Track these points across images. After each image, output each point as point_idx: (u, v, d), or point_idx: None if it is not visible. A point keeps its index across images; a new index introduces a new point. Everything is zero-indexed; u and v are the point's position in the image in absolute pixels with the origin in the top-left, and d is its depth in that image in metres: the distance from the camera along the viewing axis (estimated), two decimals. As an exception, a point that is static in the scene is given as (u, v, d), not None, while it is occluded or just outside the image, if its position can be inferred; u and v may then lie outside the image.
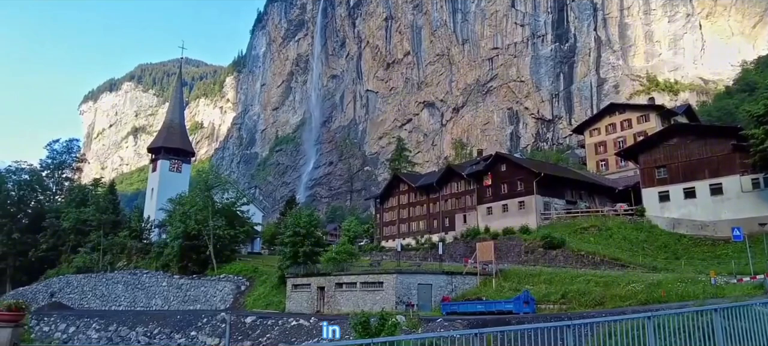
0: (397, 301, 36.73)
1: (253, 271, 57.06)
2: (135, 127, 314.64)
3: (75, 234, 74.37)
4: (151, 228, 75.67)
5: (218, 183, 70.52)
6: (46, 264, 77.57)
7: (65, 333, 47.91)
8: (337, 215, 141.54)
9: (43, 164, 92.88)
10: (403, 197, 76.18)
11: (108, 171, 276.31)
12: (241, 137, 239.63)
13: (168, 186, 78.92)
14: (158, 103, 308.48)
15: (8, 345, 12.34)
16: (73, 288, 66.96)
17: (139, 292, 61.28)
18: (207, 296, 55.16)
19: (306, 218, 52.88)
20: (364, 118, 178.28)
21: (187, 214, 60.66)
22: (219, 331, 38.63)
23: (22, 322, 13.82)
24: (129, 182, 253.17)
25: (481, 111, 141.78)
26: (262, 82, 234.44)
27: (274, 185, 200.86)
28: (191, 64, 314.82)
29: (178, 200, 67.91)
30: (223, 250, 61.46)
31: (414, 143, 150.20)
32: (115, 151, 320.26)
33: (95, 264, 69.42)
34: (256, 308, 47.55)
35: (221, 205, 64.07)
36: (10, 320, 12.57)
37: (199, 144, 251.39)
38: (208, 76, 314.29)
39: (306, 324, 34.21)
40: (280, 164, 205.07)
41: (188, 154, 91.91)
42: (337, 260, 46.23)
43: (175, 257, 60.39)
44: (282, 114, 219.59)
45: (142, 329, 44.22)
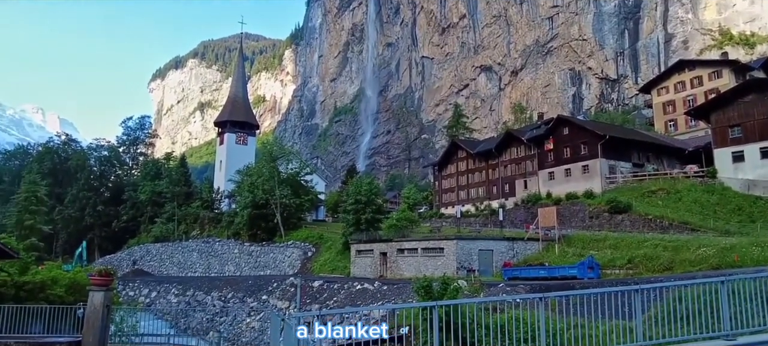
0: (458, 266, 37.13)
1: (319, 237, 58.82)
2: (201, 103, 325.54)
3: (151, 206, 78.64)
4: (222, 198, 78.98)
5: (282, 154, 72.52)
6: (128, 234, 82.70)
7: (148, 298, 51.33)
8: (395, 183, 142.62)
9: (119, 141, 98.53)
10: (461, 163, 75.85)
11: (178, 145, 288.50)
12: (301, 109, 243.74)
13: (235, 158, 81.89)
14: (222, 79, 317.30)
15: (102, 306, 13.41)
16: (153, 256, 71.20)
17: (213, 259, 64.47)
18: (276, 262, 57.43)
19: (366, 186, 53.90)
20: (420, 86, 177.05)
21: (255, 184, 62.97)
22: (289, 294, 40.36)
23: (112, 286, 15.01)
24: (198, 155, 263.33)
25: (541, 73, 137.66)
26: (319, 53, 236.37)
27: (334, 154, 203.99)
28: (251, 39, 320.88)
29: (246, 171, 70.48)
30: (290, 218, 63.54)
31: (471, 109, 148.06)
32: (184, 126, 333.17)
33: (171, 233, 73.36)
34: (322, 273, 49.19)
35: (286, 175, 66.12)
36: (102, 285, 13.67)
37: (262, 117, 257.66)
38: (268, 50, 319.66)
39: (370, 288, 35.24)
40: (339, 135, 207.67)
41: (253, 127, 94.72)
42: (397, 227, 47.00)
43: (245, 226, 63.04)
44: (340, 85, 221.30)
45: (216, 294, 46.77)
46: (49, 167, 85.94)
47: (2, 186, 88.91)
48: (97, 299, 13.09)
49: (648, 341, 9.72)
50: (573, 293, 10.89)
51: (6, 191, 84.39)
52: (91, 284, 13.62)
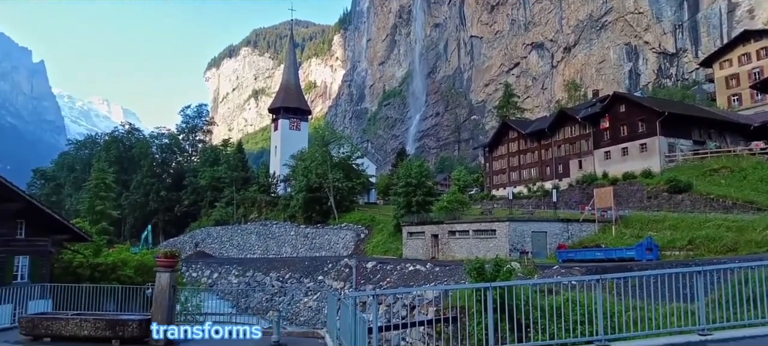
0: (510, 248, 36.76)
1: (371, 220, 59.45)
2: (255, 90, 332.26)
3: (211, 190, 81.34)
4: (277, 182, 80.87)
5: (334, 138, 73.44)
6: (190, 218, 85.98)
7: (210, 278, 53.36)
8: (445, 165, 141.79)
9: (179, 129, 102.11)
10: (512, 144, 74.58)
11: (234, 132, 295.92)
12: (351, 94, 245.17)
13: (289, 143, 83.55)
14: (274, 66, 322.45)
15: (168, 287, 13.99)
16: (213, 239, 73.83)
17: (270, 241, 66.32)
18: (330, 244, 58.54)
19: (416, 168, 53.95)
20: (469, 66, 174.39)
21: (308, 168, 64.17)
22: (343, 275, 41.11)
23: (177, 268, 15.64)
24: (254, 141, 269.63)
25: (595, 49, 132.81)
26: (368, 37, 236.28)
27: (384, 138, 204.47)
28: (301, 26, 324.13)
29: (299, 155, 71.86)
30: (343, 200, 64.50)
31: (522, 88, 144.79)
32: (240, 113, 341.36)
33: (230, 217, 75.77)
34: (375, 254, 49.77)
35: (338, 159, 67.04)
36: (168, 266, 14.23)
37: (313, 103, 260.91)
38: (317, 36, 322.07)
39: (422, 269, 35.42)
40: (388, 118, 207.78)
41: (305, 113, 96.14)
42: (448, 209, 46.89)
43: (300, 209, 64.48)
44: (388, 68, 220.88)
45: (275, 275, 48.15)
46: (116, 155, 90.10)
47: (75, 174, 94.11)
48: (163, 279, 13.70)
49: (711, 324, 9.43)
50: (631, 275, 10.66)
51: (78, 179, 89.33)
52: (157, 266, 14.27)
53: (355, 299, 12.00)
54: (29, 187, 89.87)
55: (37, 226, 25.31)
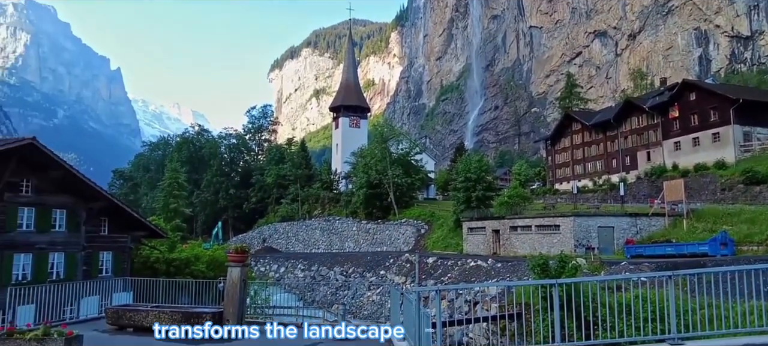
0: (575, 244, 35.76)
1: (431, 215, 59.34)
2: (316, 90, 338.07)
3: (277, 188, 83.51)
4: (339, 179, 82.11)
5: (392, 135, 73.69)
6: (257, 214, 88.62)
7: (277, 272, 54.87)
8: (505, 160, 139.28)
9: (245, 129, 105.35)
10: (576, 136, 72.35)
11: (298, 131, 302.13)
12: (408, 90, 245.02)
13: (349, 141, 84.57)
14: (333, 65, 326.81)
15: (239, 281, 14.53)
16: (280, 234, 75.81)
17: (334, 236, 67.49)
18: (391, 239, 58.89)
19: (476, 163, 53.34)
20: (529, 57, 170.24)
21: (368, 165, 64.78)
22: (405, 270, 41.30)
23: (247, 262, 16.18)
24: (316, 139, 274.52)
25: (662, 35, 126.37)
26: (424, 33, 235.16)
27: (442, 133, 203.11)
28: (359, 24, 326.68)
29: (359, 152, 72.68)
30: (402, 196, 64.72)
31: (585, 78, 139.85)
32: (302, 112, 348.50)
33: (295, 213, 77.59)
34: (435, 250, 49.66)
35: (397, 155, 67.31)
36: (238, 261, 14.78)
37: (372, 100, 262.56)
38: (375, 34, 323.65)
39: (484, 265, 35.04)
40: (446, 113, 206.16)
41: (364, 111, 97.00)
42: (509, 204, 46.11)
43: (362, 205, 65.25)
44: (445, 63, 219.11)
45: (338, 269, 48.96)
46: (187, 156, 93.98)
47: (149, 174, 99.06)
48: (234, 273, 14.27)
49: (795, 324, 8.86)
50: (706, 271, 10.16)
51: (153, 178, 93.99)
52: (228, 261, 14.88)
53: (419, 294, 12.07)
54: (110, 187, 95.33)
55: (118, 223, 26.90)
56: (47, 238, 23.33)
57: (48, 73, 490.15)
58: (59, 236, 23.95)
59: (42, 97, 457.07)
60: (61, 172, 23.75)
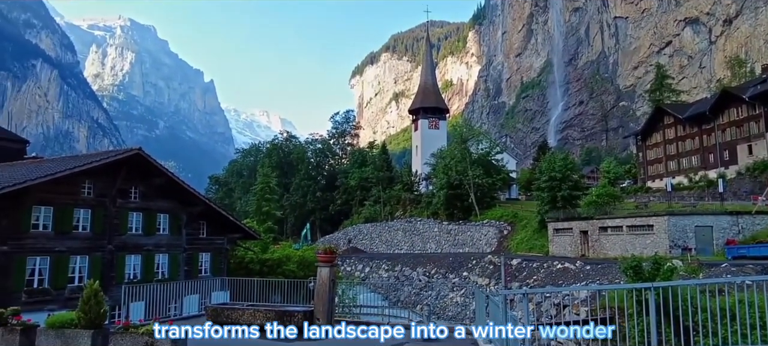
0: (670, 245, 33.62)
1: (513, 216, 57.94)
2: (395, 93, 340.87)
3: (360, 190, 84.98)
4: (419, 181, 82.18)
5: (472, 135, 72.79)
6: (342, 216, 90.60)
7: (362, 272, 55.71)
8: (592, 157, 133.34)
9: (329, 134, 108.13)
10: (668, 130, 68.00)
11: (378, 134, 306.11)
12: (487, 89, 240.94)
13: (429, 142, 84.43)
14: (412, 68, 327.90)
15: (328, 280, 14.88)
16: (364, 235, 77.03)
17: (416, 237, 67.60)
18: (473, 240, 58.12)
19: (560, 162, 51.48)
20: (614, 49, 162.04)
21: (448, 166, 64.30)
22: (488, 271, 40.63)
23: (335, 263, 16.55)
24: (396, 141, 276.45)
25: (762, 19, 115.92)
26: (503, 30, 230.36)
27: (523, 131, 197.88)
28: (436, 26, 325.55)
29: (439, 153, 72.33)
30: (483, 197, 63.65)
31: (676, 69, 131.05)
32: (382, 116, 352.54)
33: (378, 214, 78.58)
34: (519, 252, 48.45)
35: (477, 155, 66.38)
36: (327, 261, 15.13)
37: (450, 101, 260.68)
38: (452, 35, 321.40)
39: (572, 268, 33.76)
40: (527, 110, 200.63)
41: (443, 112, 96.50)
42: (598, 204, 44.05)
43: (442, 206, 64.85)
44: (525, 59, 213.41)
45: (421, 270, 48.99)
46: (276, 161, 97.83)
47: (242, 179, 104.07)
48: (324, 273, 14.65)
49: None
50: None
51: (246, 183, 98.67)
52: (318, 261, 15.31)
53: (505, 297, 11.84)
54: (206, 192, 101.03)
55: (215, 226, 28.49)
56: (153, 240, 25.16)
57: (150, 88, 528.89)
58: (163, 238, 25.75)
59: (145, 110, 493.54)
60: (164, 179, 25.55)
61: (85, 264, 21.90)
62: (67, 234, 21.46)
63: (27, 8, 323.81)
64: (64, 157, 32.39)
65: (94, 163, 22.37)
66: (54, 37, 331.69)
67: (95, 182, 22.67)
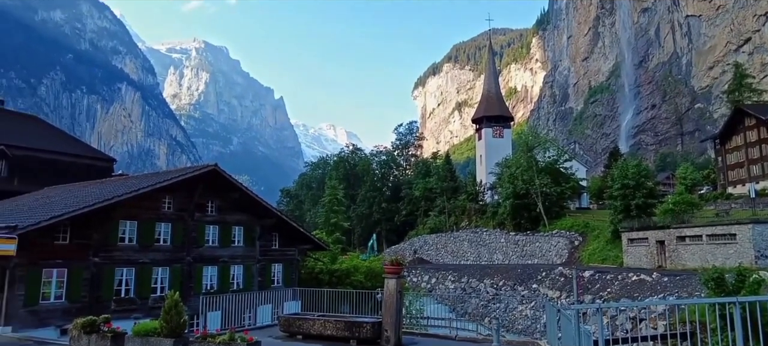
0: (756, 255, 31.24)
1: (584, 226, 55.74)
2: (458, 103, 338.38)
3: (425, 201, 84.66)
4: (484, 191, 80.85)
5: (538, 143, 70.78)
6: (408, 226, 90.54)
7: (429, 283, 55.32)
8: (667, 163, 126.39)
9: (393, 146, 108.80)
10: (750, 133, 63.47)
11: (442, 144, 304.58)
12: (553, 95, 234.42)
13: (493, 151, 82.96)
14: (474, 77, 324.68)
15: (395, 292, 14.81)
16: (429, 246, 76.52)
17: (482, 248, 66.38)
18: (542, 251, 56.36)
19: (633, 168, 49.14)
20: (688, 49, 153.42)
21: (514, 175, 62.82)
22: (558, 284, 39.26)
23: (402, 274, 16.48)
24: (460, 151, 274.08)
25: None
26: (568, 34, 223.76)
27: (593, 137, 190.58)
28: (498, 34, 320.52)
29: (504, 162, 70.85)
30: (552, 206, 61.65)
31: (757, 67, 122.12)
32: (445, 126, 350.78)
33: (443, 225, 77.89)
34: (591, 263, 46.51)
35: (544, 163, 64.39)
36: (394, 273, 15.07)
37: (514, 108, 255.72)
38: (515, 42, 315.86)
39: (648, 279, 32.07)
40: (597, 116, 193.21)
41: (507, 120, 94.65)
42: (674, 212, 41.60)
43: (509, 216, 63.33)
44: (592, 63, 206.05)
45: (488, 281, 48.01)
46: (343, 173, 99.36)
47: (312, 191, 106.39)
48: (391, 285, 14.62)
49: None
50: None
51: (315, 195, 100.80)
52: (385, 272, 15.32)
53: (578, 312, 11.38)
54: (278, 204, 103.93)
55: (286, 238, 29.20)
56: (228, 252, 26.10)
57: (224, 106, 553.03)
58: (238, 250, 26.66)
59: (220, 127, 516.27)
60: (238, 193, 26.51)
61: (166, 275, 23.01)
62: (149, 247, 22.65)
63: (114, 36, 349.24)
64: (146, 174, 34.38)
65: (174, 180, 23.56)
66: (137, 61, 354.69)
67: (175, 197, 23.83)
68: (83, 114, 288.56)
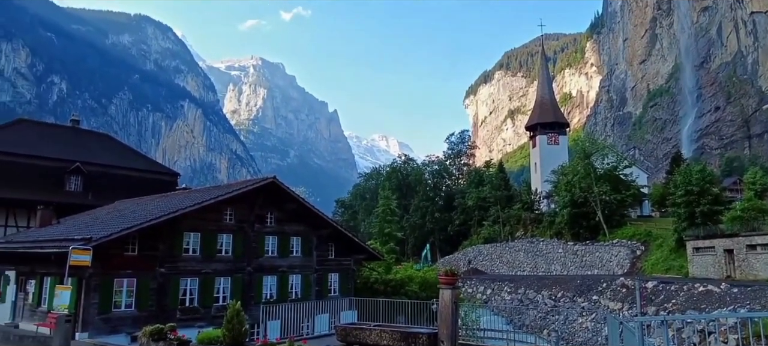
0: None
1: (646, 235, 53.31)
2: (510, 110, 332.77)
3: (478, 210, 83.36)
4: (540, 199, 78.83)
5: (595, 149, 68.38)
6: (461, 236, 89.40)
7: (484, 294, 54.32)
8: (734, 167, 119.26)
9: (445, 155, 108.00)
10: (829, 134, 59.03)
11: (494, 153, 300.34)
12: (610, 100, 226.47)
13: (548, 159, 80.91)
14: (527, 84, 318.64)
15: (451, 303, 14.51)
16: (484, 256, 75.20)
17: (539, 258, 64.53)
18: (602, 261, 54.23)
19: (697, 174, 46.64)
20: (753, 48, 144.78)
21: (571, 183, 60.89)
22: (620, 295, 37.65)
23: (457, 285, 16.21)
24: (513, 159, 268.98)
25: None
26: (624, 37, 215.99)
27: (653, 143, 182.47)
28: (550, 39, 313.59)
29: (560, 170, 68.84)
30: (612, 215, 59.29)
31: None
32: (498, 134, 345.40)
33: (498, 235, 76.35)
34: (655, 273, 44.35)
35: (602, 170, 62.06)
36: (449, 283, 14.82)
37: (570, 114, 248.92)
38: (569, 47, 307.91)
39: (716, 290, 30.26)
40: (656, 120, 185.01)
41: (562, 126, 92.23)
42: (744, 219, 39.24)
43: (566, 225, 61.38)
44: (650, 66, 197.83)
45: (546, 293, 46.60)
46: (396, 183, 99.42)
47: (365, 202, 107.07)
48: (446, 295, 14.37)
49: None
50: None
51: (368, 206, 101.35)
52: (440, 283, 15.12)
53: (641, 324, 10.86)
54: (333, 215, 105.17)
55: (342, 248, 29.48)
56: (287, 262, 26.58)
57: (281, 120, 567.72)
58: (296, 260, 27.12)
59: (277, 141, 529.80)
60: (296, 204, 27.02)
61: (227, 285, 23.65)
62: (212, 257, 23.37)
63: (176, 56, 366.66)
64: (208, 188, 35.63)
65: (235, 192, 24.28)
66: (198, 79, 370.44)
67: (236, 209, 24.53)
68: (149, 131, 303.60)
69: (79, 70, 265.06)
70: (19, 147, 34.11)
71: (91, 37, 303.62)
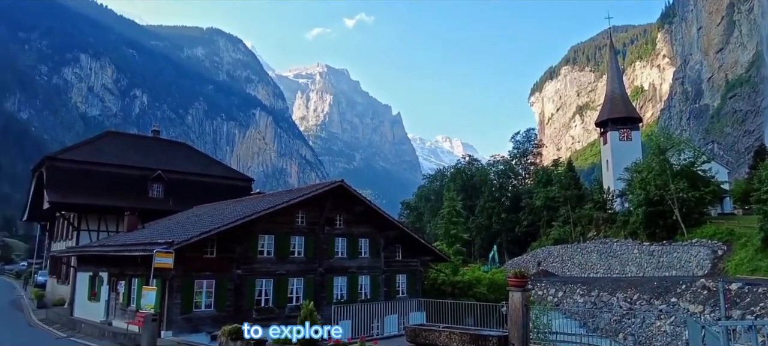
0: None
1: (729, 233, 49.69)
2: (579, 106, 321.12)
3: (547, 210, 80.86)
4: (613, 198, 75.40)
5: (671, 144, 64.42)
6: (529, 237, 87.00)
7: (555, 297, 52.57)
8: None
9: (511, 154, 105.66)
10: None
11: (562, 151, 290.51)
12: (685, 92, 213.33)
13: (621, 155, 77.17)
14: (595, 79, 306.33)
15: (521, 305, 14.20)
16: (554, 258, 72.71)
17: (612, 259, 61.63)
18: (681, 262, 51.07)
19: (783, 167, 43.02)
20: None
21: (645, 180, 57.79)
22: (701, 298, 35.38)
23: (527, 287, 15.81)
24: (583, 157, 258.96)
25: None
26: (698, 25, 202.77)
27: (733, 136, 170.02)
28: (619, 31, 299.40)
29: (634, 167, 65.54)
30: (690, 213, 55.68)
31: None
32: (566, 131, 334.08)
33: (568, 236, 73.69)
34: (739, 274, 41.25)
35: (679, 166, 58.50)
36: (519, 286, 14.48)
37: (643, 108, 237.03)
38: (638, 38, 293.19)
39: (814, 293, 27.77)
40: (737, 112, 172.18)
41: (635, 121, 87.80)
42: (842, 215, 35.75)
43: (641, 225, 58.23)
44: (728, 54, 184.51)
45: (621, 295, 44.49)
46: (461, 185, 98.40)
47: (430, 203, 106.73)
48: (516, 298, 14.06)
49: None
50: None
51: (433, 207, 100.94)
52: (509, 285, 14.80)
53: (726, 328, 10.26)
54: (399, 217, 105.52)
55: (408, 249, 29.54)
56: (356, 263, 26.95)
57: (347, 125, 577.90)
58: (365, 261, 27.44)
59: (344, 145, 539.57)
60: (363, 206, 27.36)
61: (300, 285, 24.27)
62: (285, 259, 24.08)
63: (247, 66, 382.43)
64: (280, 192, 36.81)
65: (306, 196, 24.93)
66: (268, 88, 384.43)
67: (307, 212, 25.17)
68: (223, 139, 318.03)
69: (157, 84, 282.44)
70: (108, 157, 36.73)
71: (167, 52, 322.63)
